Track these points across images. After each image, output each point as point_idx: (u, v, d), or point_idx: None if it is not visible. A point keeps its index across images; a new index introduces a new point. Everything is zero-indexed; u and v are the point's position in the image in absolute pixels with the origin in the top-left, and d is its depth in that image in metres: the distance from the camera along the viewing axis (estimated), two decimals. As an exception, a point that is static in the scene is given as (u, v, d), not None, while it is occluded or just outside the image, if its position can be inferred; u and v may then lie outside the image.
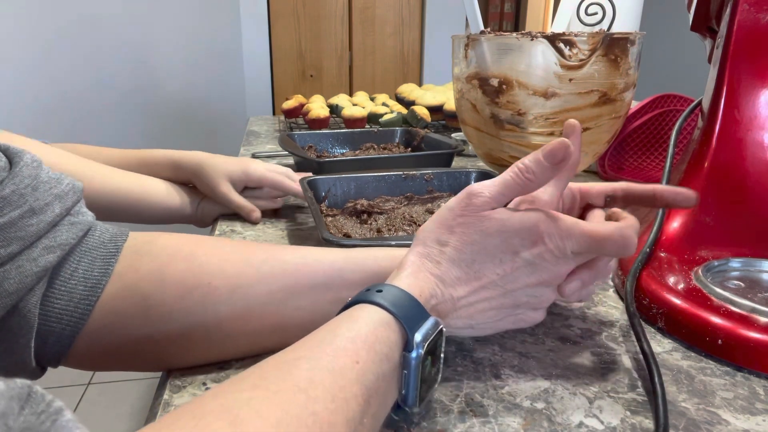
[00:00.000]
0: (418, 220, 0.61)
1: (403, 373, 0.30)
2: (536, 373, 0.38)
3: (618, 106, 0.66)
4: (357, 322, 0.30)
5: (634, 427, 0.33)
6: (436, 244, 0.35)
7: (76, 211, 0.36)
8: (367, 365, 0.28)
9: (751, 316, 0.39)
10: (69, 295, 0.34)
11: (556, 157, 0.35)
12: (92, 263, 0.36)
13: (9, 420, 0.16)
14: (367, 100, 1.39)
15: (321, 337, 0.29)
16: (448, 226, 0.35)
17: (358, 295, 0.32)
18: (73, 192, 0.36)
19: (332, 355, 0.27)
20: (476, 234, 0.34)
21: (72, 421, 0.18)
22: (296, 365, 0.27)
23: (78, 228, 0.35)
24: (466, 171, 0.69)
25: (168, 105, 2.36)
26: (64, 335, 0.35)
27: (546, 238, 0.34)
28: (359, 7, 2.48)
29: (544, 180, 0.36)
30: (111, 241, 0.38)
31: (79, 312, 0.35)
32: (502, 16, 3.09)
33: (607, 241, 0.35)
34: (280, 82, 2.50)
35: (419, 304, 0.32)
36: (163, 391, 0.36)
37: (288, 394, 0.25)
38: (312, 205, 0.57)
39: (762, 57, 0.51)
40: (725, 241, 0.50)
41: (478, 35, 0.66)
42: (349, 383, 0.26)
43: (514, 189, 0.35)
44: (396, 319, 0.30)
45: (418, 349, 0.30)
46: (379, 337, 0.29)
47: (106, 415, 1.65)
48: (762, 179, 0.50)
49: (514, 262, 0.35)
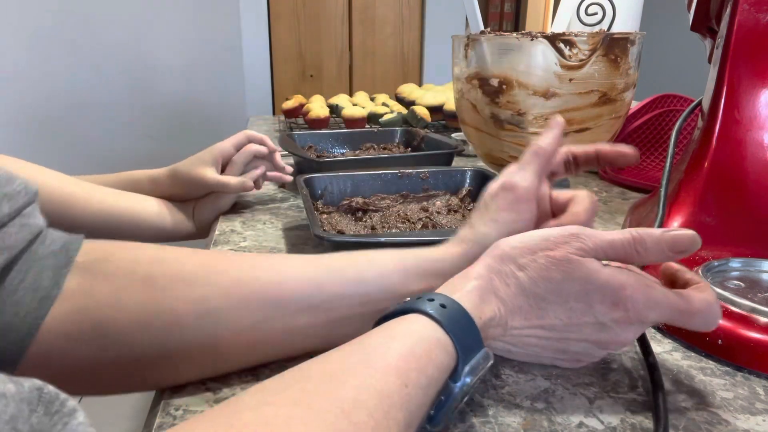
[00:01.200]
0: (413, 218, 0.61)
1: (440, 398, 0.29)
2: (536, 373, 0.38)
3: (618, 106, 0.65)
4: (412, 337, 0.28)
5: (634, 427, 0.33)
6: (513, 264, 0.33)
7: (28, 213, 0.33)
8: (415, 390, 0.26)
9: (751, 316, 0.39)
10: (15, 308, 0.31)
11: (678, 247, 0.33)
12: (41, 273, 0.32)
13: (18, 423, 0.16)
14: (367, 100, 1.39)
15: (372, 348, 0.28)
16: (533, 252, 0.33)
17: (416, 302, 0.31)
18: (25, 193, 0.33)
19: (382, 372, 0.26)
20: (559, 273, 0.32)
21: (83, 424, 0.17)
22: (343, 381, 0.25)
23: (27, 231, 0.33)
24: (461, 170, 0.69)
25: (168, 105, 2.36)
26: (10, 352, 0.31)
27: (629, 303, 0.32)
28: (359, 7, 2.48)
29: (652, 260, 0.34)
30: (62, 250, 0.34)
31: (26, 327, 0.31)
32: (502, 16, 3.09)
33: (698, 316, 0.33)
34: (280, 82, 2.50)
35: (478, 331, 0.30)
36: (163, 391, 0.36)
37: (330, 415, 0.23)
38: (306, 202, 0.57)
39: (762, 57, 0.51)
40: (725, 241, 0.50)
41: (478, 35, 0.66)
42: (394, 409, 0.25)
43: (618, 253, 0.33)
44: (453, 342, 0.29)
45: (465, 380, 0.29)
46: (432, 358, 0.28)
47: (106, 415, 1.65)
48: (762, 179, 0.50)
49: (584, 315, 0.33)
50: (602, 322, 0.33)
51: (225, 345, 0.35)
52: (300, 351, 0.37)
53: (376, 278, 0.37)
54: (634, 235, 0.33)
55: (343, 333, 0.30)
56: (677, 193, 0.53)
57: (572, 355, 0.36)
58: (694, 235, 0.33)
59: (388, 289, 0.37)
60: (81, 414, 0.17)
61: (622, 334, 0.34)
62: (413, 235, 0.51)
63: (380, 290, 0.37)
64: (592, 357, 0.37)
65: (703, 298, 0.33)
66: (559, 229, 0.34)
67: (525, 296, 0.33)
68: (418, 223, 0.60)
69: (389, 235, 0.52)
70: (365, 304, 0.37)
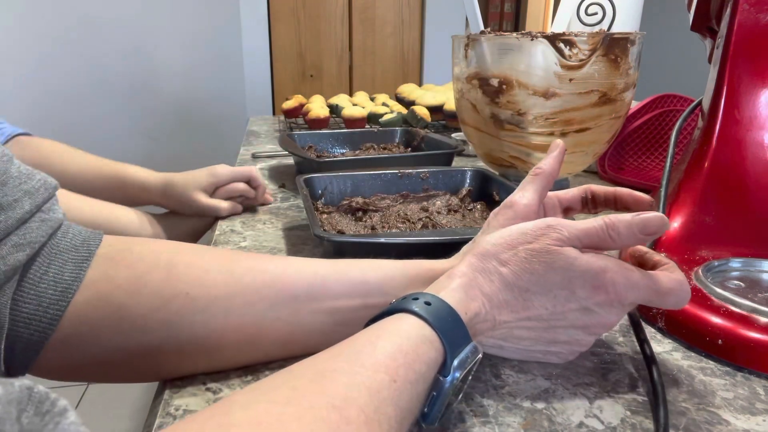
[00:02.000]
0: (413, 218, 0.61)
1: (432, 394, 0.29)
2: (536, 373, 0.38)
3: (618, 106, 0.65)
4: (399, 335, 0.29)
5: (634, 427, 0.33)
6: (495, 261, 0.34)
7: (48, 208, 0.35)
8: (404, 385, 0.27)
9: (751, 316, 0.39)
10: (38, 299, 0.33)
11: (648, 230, 0.34)
12: (63, 266, 0.34)
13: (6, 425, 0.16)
14: (367, 100, 1.39)
15: (360, 347, 0.28)
16: (513, 247, 0.34)
17: (402, 301, 0.31)
18: (44, 188, 0.35)
19: (371, 370, 0.26)
20: (540, 264, 0.34)
21: (75, 423, 0.17)
22: (333, 379, 0.26)
23: (48, 225, 0.34)
24: (462, 170, 0.69)
25: (168, 105, 2.36)
26: (32, 341, 0.33)
27: (610, 286, 0.34)
28: (359, 7, 2.48)
29: (624, 244, 0.35)
30: (83, 245, 0.36)
31: (48, 317, 0.33)
32: (502, 16, 3.09)
33: (671, 295, 0.34)
34: (280, 82, 2.50)
35: (464, 326, 0.31)
36: (162, 391, 0.36)
37: (321, 411, 0.24)
38: (306, 202, 0.57)
39: (762, 57, 0.51)
40: (725, 241, 0.50)
41: (478, 35, 0.66)
42: (384, 404, 0.26)
43: (593, 239, 0.35)
44: (439, 338, 0.29)
45: (454, 374, 0.29)
46: (419, 354, 0.28)
47: (106, 415, 1.65)
48: (762, 179, 0.50)
49: (568, 302, 0.34)
50: (586, 306, 0.34)
51: (232, 335, 0.36)
52: (302, 350, 0.37)
53: (379, 281, 0.38)
54: (607, 222, 0.34)
55: (346, 334, 0.30)
56: (677, 193, 0.53)
57: (561, 346, 0.37)
58: (663, 217, 0.35)
59: (389, 293, 0.37)
60: (72, 413, 0.17)
61: (606, 317, 0.35)
62: (413, 235, 0.51)
63: (382, 293, 0.37)
64: (580, 345, 0.37)
65: (674, 278, 0.35)
66: (534, 222, 0.35)
67: (510, 290, 0.34)
68: (418, 223, 0.60)
69: (389, 235, 0.52)
70: (368, 307, 0.37)
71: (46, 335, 0.33)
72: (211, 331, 0.36)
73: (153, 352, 0.35)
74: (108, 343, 0.35)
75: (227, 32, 2.36)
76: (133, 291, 0.35)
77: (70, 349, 0.34)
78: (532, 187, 0.40)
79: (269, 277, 0.37)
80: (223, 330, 0.36)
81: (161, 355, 0.35)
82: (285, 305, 0.37)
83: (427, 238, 0.49)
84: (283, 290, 0.37)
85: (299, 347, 0.38)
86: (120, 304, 0.34)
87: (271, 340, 0.37)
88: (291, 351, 0.38)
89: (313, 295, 0.37)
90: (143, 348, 0.35)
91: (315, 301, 0.37)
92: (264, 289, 0.37)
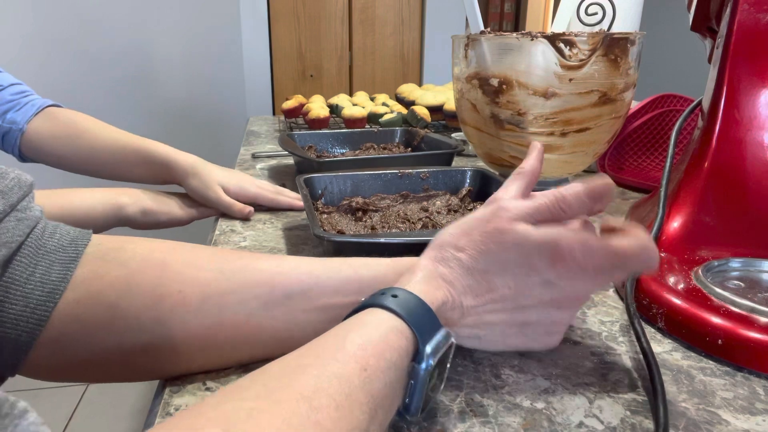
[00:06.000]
0: (413, 218, 0.61)
1: (410, 383, 0.30)
2: (536, 373, 0.38)
3: (618, 106, 0.65)
4: (367, 327, 0.29)
5: (634, 427, 0.33)
6: (452, 248, 0.35)
7: (24, 206, 0.34)
8: (376, 374, 0.27)
9: (751, 316, 0.39)
10: (25, 300, 0.33)
11: (595, 193, 0.35)
12: (50, 267, 0.34)
13: None
14: (367, 100, 1.39)
15: (330, 341, 0.29)
16: (468, 234, 0.35)
17: (370, 298, 0.32)
18: (18, 187, 0.34)
19: (341, 362, 0.27)
20: (494, 244, 0.34)
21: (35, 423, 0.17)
22: (302, 372, 0.26)
23: (25, 224, 0.34)
24: (462, 169, 0.68)
25: (168, 105, 2.36)
26: (20, 342, 0.33)
27: (567, 256, 0.34)
28: (359, 7, 2.48)
29: (576, 214, 0.36)
30: (71, 245, 0.36)
31: (36, 318, 0.33)
32: (502, 16, 3.09)
33: (633, 258, 0.34)
34: (280, 82, 2.49)
35: (432, 313, 0.31)
36: (162, 391, 0.36)
37: (291, 403, 0.24)
38: (306, 202, 0.57)
39: (762, 57, 0.51)
40: (725, 241, 0.50)
41: (478, 35, 0.66)
42: (355, 391, 0.26)
43: (545, 215, 0.35)
44: (408, 326, 0.30)
45: (428, 361, 0.29)
46: (389, 344, 0.29)
47: (106, 415, 1.65)
48: (762, 179, 0.50)
49: (529, 277, 0.35)
50: (547, 279, 0.35)
51: (226, 333, 0.36)
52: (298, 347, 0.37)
53: (371, 279, 0.38)
54: (556, 195, 0.35)
55: None
56: (677, 193, 0.53)
57: (535, 327, 0.37)
58: (608, 180, 0.36)
59: None
60: (32, 414, 0.18)
61: (572, 288, 0.35)
62: (413, 235, 0.51)
63: (375, 290, 0.37)
64: (555, 324, 0.37)
65: (635, 241, 0.35)
66: (486, 207, 0.36)
67: (470, 274, 0.34)
68: (418, 223, 0.60)
69: (389, 235, 0.52)
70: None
71: (34, 335, 0.33)
72: (205, 329, 0.36)
73: (148, 351, 0.35)
74: (102, 342, 0.35)
75: (227, 32, 2.36)
76: (126, 290, 0.35)
77: (63, 349, 0.34)
78: (515, 185, 0.40)
79: (263, 276, 0.37)
80: (218, 328, 0.36)
81: (156, 354, 0.35)
82: (279, 303, 0.37)
83: (427, 238, 0.49)
84: (277, 288, 0.37)
85: (295, 344, 0.37)
86: (112, 303, 0.34)
87: (267, 338, 0.37)
88: (288, 348, 0.38)
89: (306, 293, 0.37)
90: (138, 346, 0.35)
91: (309, 299, 0.37)
92: (257, 287, 0.37)
